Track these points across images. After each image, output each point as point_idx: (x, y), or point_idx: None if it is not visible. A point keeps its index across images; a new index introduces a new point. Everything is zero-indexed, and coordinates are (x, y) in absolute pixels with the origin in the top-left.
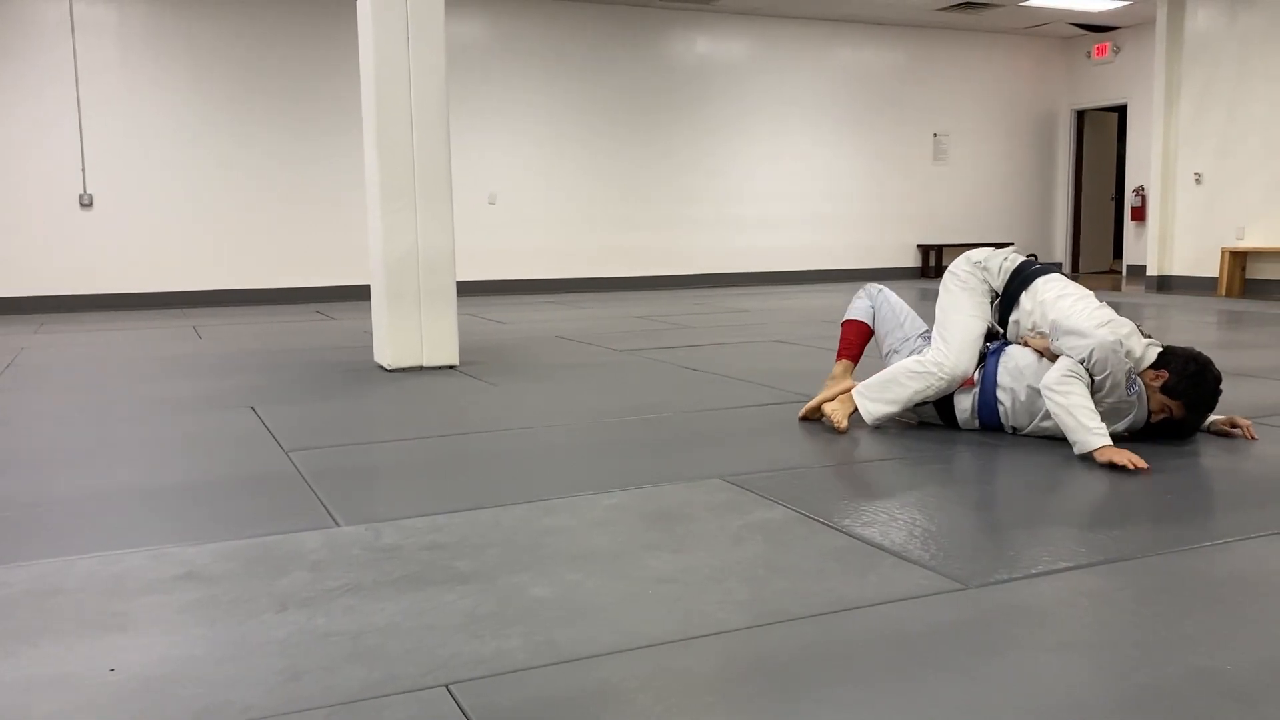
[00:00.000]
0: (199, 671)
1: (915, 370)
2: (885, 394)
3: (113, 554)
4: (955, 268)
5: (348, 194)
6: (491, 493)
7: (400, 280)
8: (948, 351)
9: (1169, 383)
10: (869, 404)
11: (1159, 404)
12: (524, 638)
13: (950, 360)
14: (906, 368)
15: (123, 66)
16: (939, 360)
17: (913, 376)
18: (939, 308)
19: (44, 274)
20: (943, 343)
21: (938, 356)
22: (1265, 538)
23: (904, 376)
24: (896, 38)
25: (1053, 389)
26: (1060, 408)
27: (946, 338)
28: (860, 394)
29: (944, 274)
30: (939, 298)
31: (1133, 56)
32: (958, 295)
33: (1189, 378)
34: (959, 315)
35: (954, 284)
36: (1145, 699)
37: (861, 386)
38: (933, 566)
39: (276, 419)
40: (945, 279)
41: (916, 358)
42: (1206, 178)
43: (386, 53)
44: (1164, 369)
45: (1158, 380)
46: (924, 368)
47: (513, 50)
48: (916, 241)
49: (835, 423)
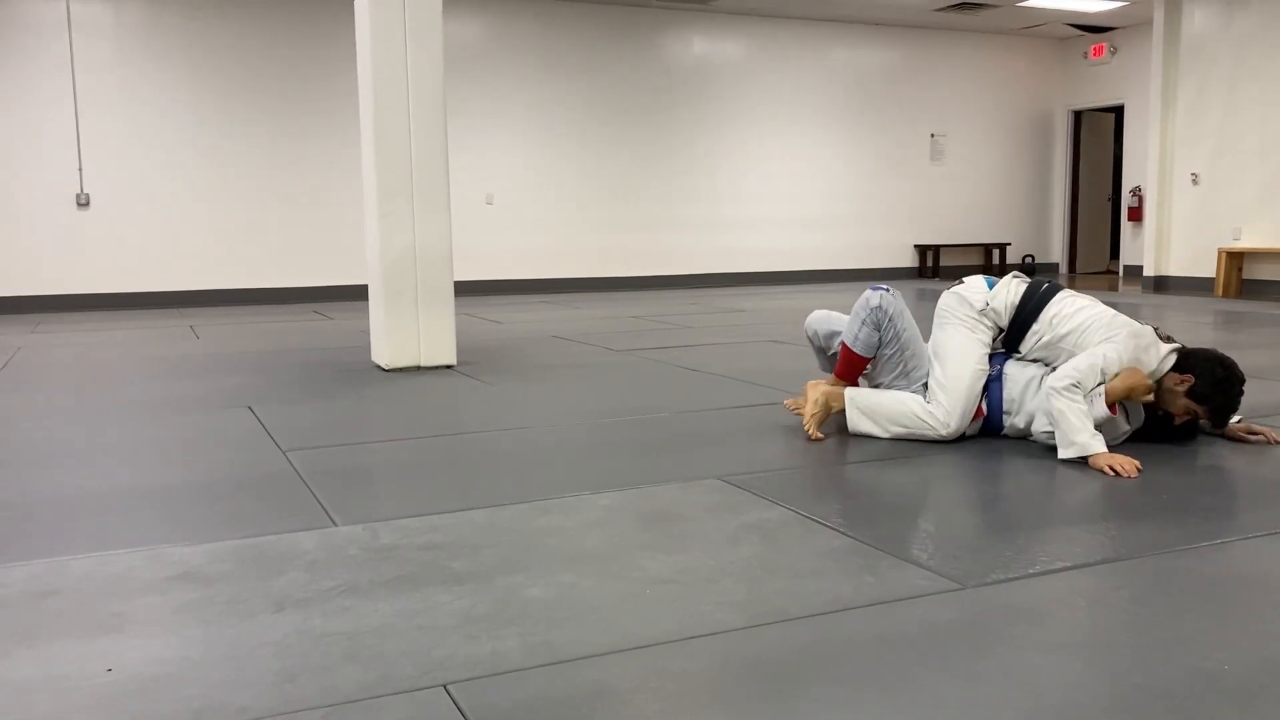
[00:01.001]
0: (196, 672)
1: (917, 424)
2: (878, 417)
3: (109, 554)
4: (958, 308)
5: (345, 193)
6: (488, 493)
7: (398, 280)
8: (951, 411)
9: (1195, 387)
10: (859, 417)
11: (1183, 408)
12: (520, 638)
13: (953, 425)
14: (910, 410)
15: (120, 66)
16: (944, 421)
17: (915, 425)
18: (941, 348)
19: (41, 273)
20: (946, 398)
21: (943, 417)
22: (1262, 538)
23: (904, 416)
24: (893, 38)
25: (1059, 392)
26: (1060, 411)
27: (950, 392)
28: (854, 401)
29: (942, 303)
30: (938, 334)
31: (1129, 57)
32: (965, 342)
33: (1217, 383)
34: (965, 369)
35: (957, 326)
36: (1142, 699)
37: (857, 395)
38: (930, 567)
39: (274, 419)
40: (947, 314)
41: (923, 404)
42: (1203, 178)
43: (384, 52)
44: (1189, 373)
45: (1182, 385)
46: (927, 423)
47: (510, 50)
48: (914, 242)
49: (810, 428)
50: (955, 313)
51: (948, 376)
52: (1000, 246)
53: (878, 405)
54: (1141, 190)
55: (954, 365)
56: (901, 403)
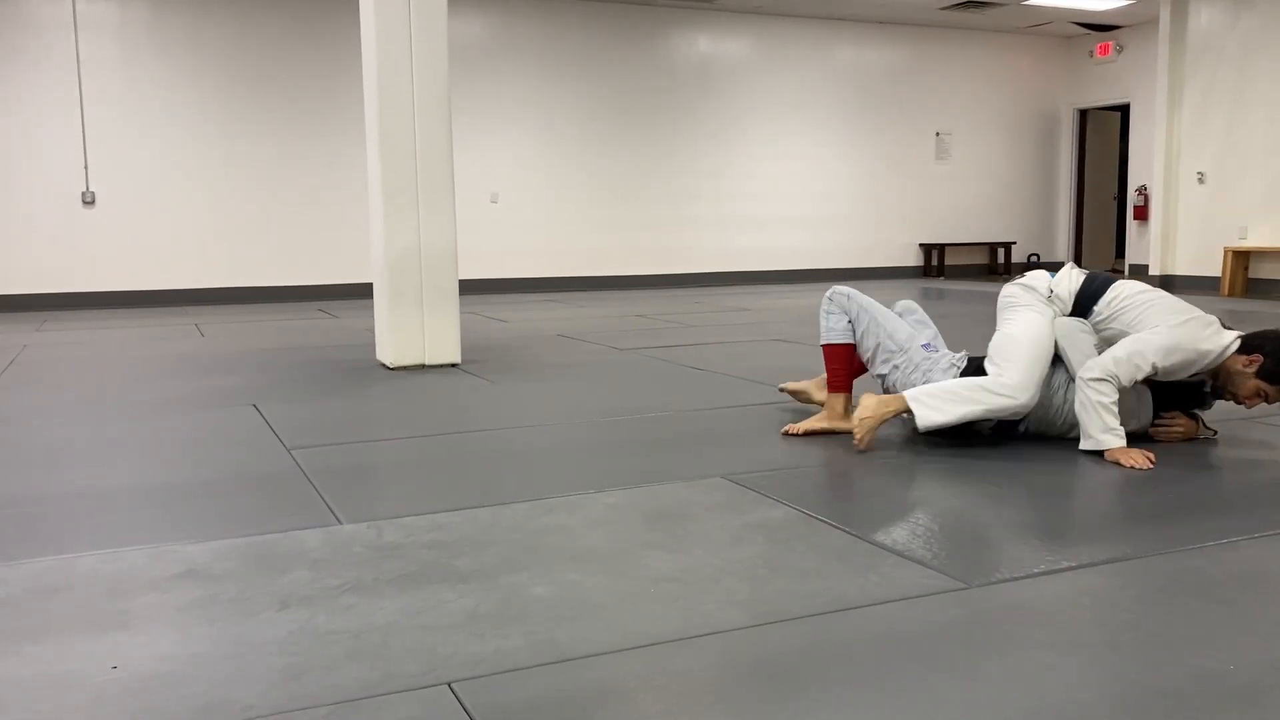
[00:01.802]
0: (200, 669)
1: (989, 398)
2: (948, 404)
3: (114, 552)
4: (1023, 295)
5: (350, 192)
6: (493, 491)
7: (402, 279)
8: (1023, 383)
9: (1266, 366)
10: (928, 410)
11: (1253, 389)
12: (525, 637)
13: (1026, 396)
14: (978, 387)
15: (125, 64)
16: (1010, 394)
17: (983, 399)
18: (1010, 330)
19: (46, 271)
20: (1016, 372)
21: (1010, 381)
22: (1268, 537)
23: (973, 393)
24: (899, 36)
25: (1087, 383)
26: (1089, 402)
27: (1013, 357)
28: (916, 399)
29: (1005, 293)
30: (1007, 316)
31: (1135, 56)
32: (1032, 315)
33: None
34: (1030, 342)
35: (1024, 307)
36: (1147, 699)
37: (917, 392)
38: (934, 566)
39: (279, 417)
40: (1011, 301)
41: (989, 381)
42: (1209, 177)
43: (389, 51)
44: (1256, 353)
45: (1251, 365)
46: (998, 397)
47: (515, 49)
48: (918, 241)
49: (859, 438)
50: (1020, 300)
51: (1010, 343)
52: (1005, 245)
53: (940, 391)
54: (1147, 189)
55: (1017, 330)
56: (966, 382)
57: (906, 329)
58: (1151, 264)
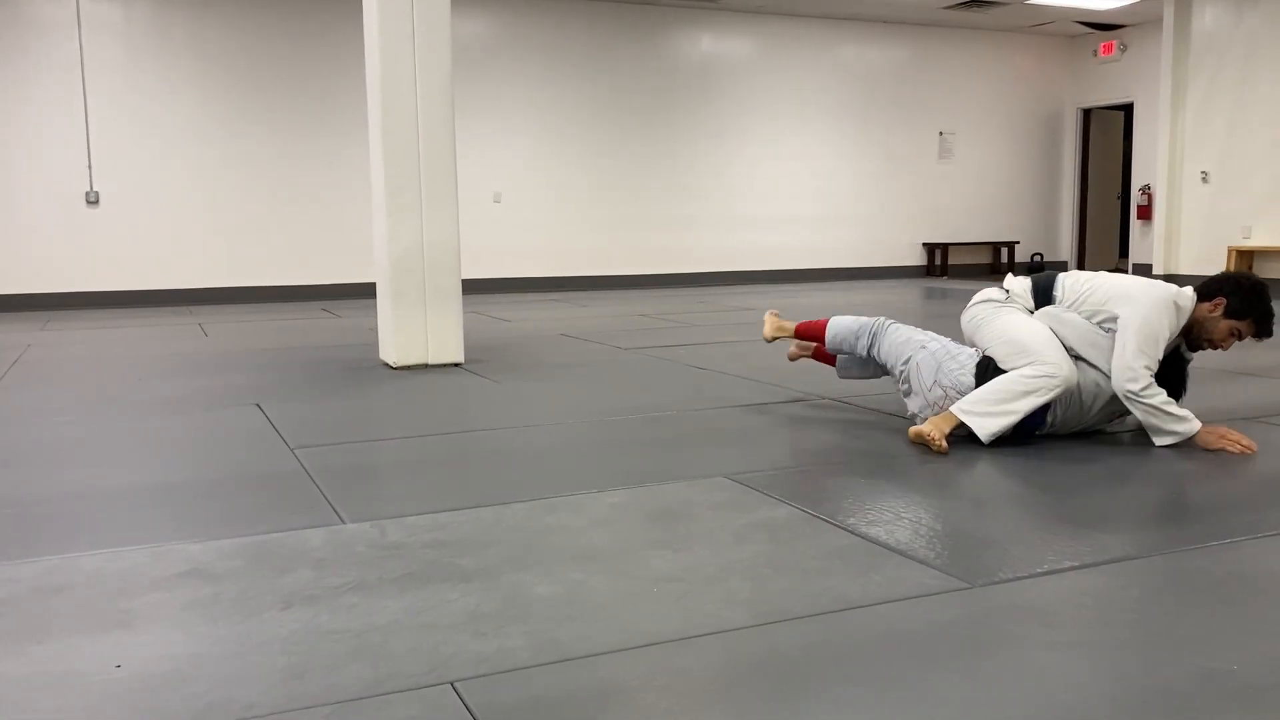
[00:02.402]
0: (203, 668)
1: (1029, 386)
2: (1001, 406)
3: (118, 551)
4: (983, 303)
5: (353, 191)
6: (495, 491)
7: (405, 278)
8: (1052, 361)
9: (1231, 305)
10: (985, 420)
11: (1225, 330)
12: (527, 636)
13: (1062, 370)
14: (1016, 381)
15: (129, 64)
16: (1049, 371)
17: (1032, 385)
18: (994, 333)
19: (50, 271)
20: (1043, 353)
21: (1050, 368)
22: (1271, 537)
23: (1018, 386)
24: (902, 36)
25: (1137, 396)
26: (1150, 409)
27: (1036, 351)
28: (967, 411)
29: (971, 311)
30: (982, 328)
31: (1139, 55)
32: (1010, 315)
33: (1247, 294)
34: (1029, 329)
35: (993, 309)
36: (1150, 699)
37: (965, 404)
38: (937, 565)
39: (282, 416)
40: (978, 311)
41: (1019, 373)
42: (1213, 176)
43: (392, 50)
44: (1218, 297)
45: (1217, 309)
46: (1036, 382)
47: (518, 48)
48: (921, 240)
49: (935, 444)
50: (989, 311)
51: (1022, 341)
52: (1009, 245)
53: (988, 397)
54: (1151, 188)
55: (1018, 330)
56: (1007, 379)
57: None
58: (1155, 263)
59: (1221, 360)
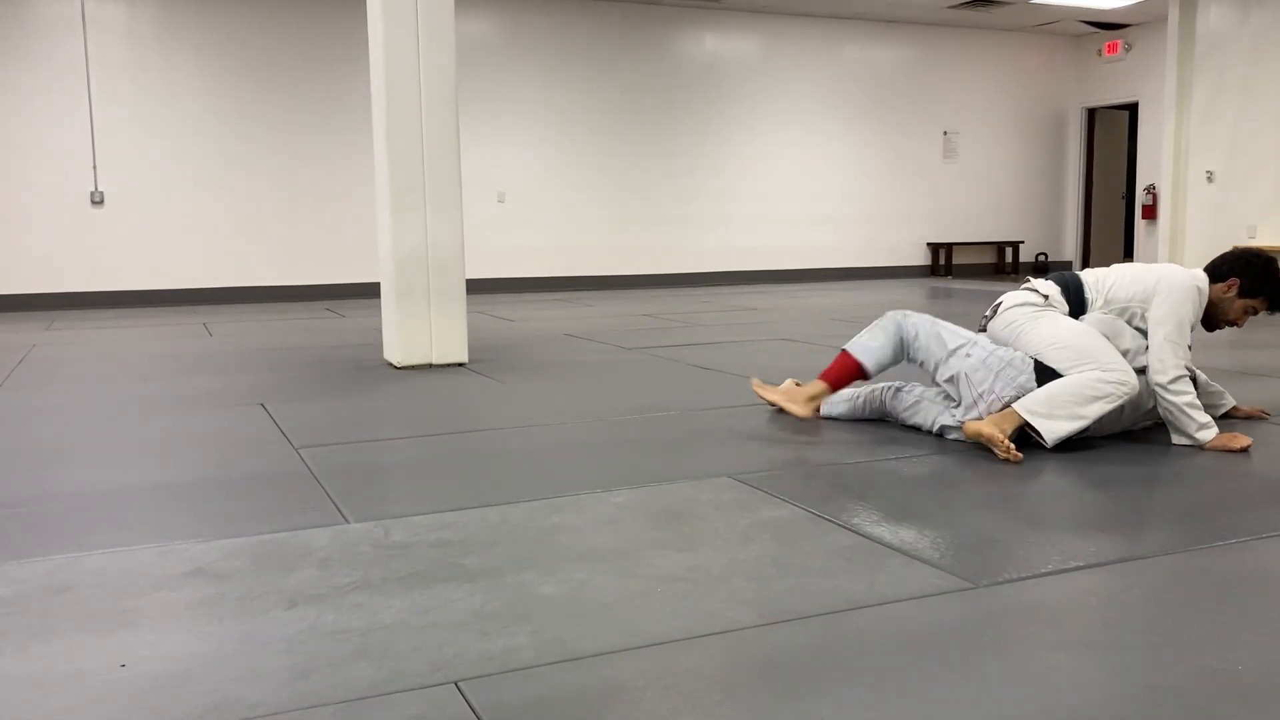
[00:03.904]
0: (208, 668)
1: (1101, 391)
2: (1070, 411)
3: (123, 550)
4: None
5: (358, 191)
6: (500, 490)
7: (410, 278)
8: (1121, 367)
9: (1244, 284)
10: (1053, 423)
11: (1240, 309)
12: (532, 635)
13: (1131, 377)
14: (1087, 386)
15: (134, 64)
16: (1119, 379)
17: (1098, 397)
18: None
19: (55, 271)
20: (1101, 363)
21: (1115, 375)
22: (1277, 538)
23: (1089, 390)
24: (906, 35)
25: (1165, 389)
26: (1179, 405)
27: (1099, 359)
28: (1033, 412)
29: (1006, 316)
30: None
31: (1144, 54)
32: (1056, 319)
33: (1260, 272)
34: (1087, 335)
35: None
36: (1155, 699)
37: (1030, 404)
38: (942, 565)
39: (286, 416)
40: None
41: (1090, 376)
42: (1218, 176)
43: (396, 50)
44: (1231, 277)
45: (1231, 289)
46: (1108, 388)
47: (522, 48)
48: (926, 240)
49: (1003, 450)
50: (1026, 315)
51: (1083, 346)
52: (1013, 244)
53: (1058, 398)
54: (1156, 188)
55: (1075, 336)
56: (1078, 380)
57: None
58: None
59: (1225, 360)
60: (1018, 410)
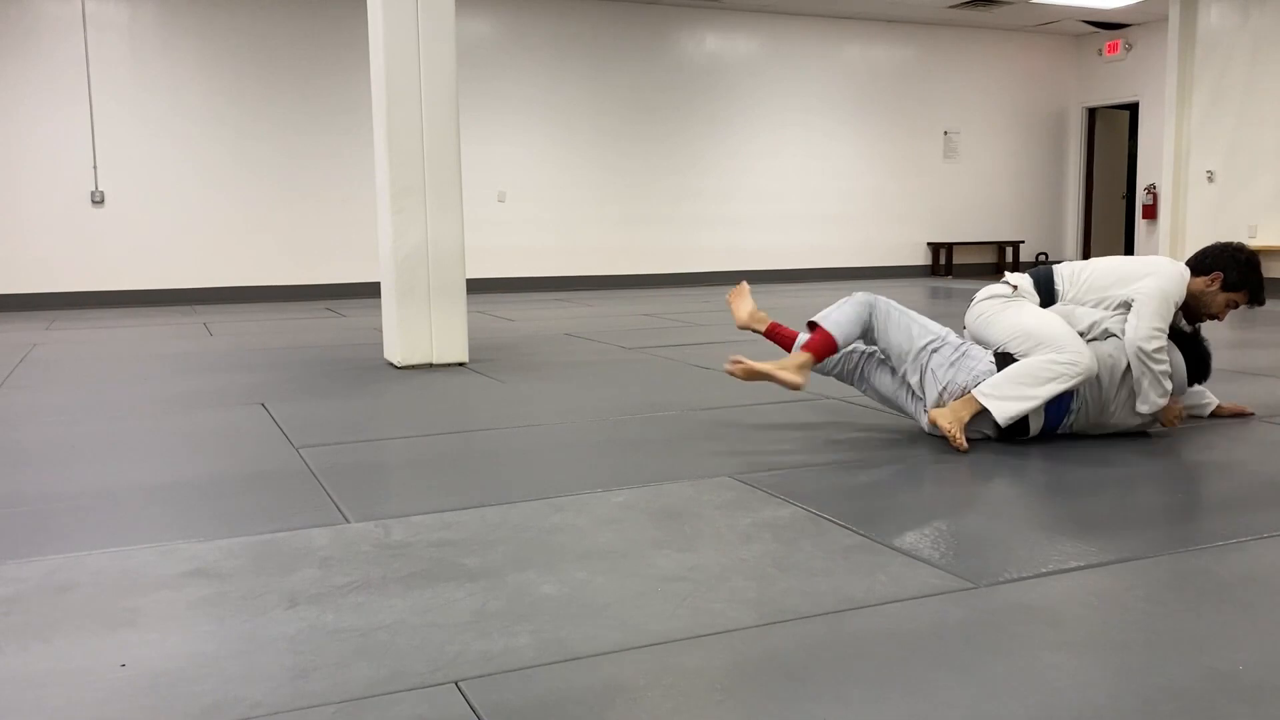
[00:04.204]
0: (209, 667)
1: (1051, 372)
2: (1021, 389)
3: (123, 550)
4: (988, 300)
5: (358, 190)
6: (500, 490)
7: (410, 277)
8: (1073, 349)
9: (1229, 279)
10: (1005, 404)
11: (1223, 302)
12: (532, 635)
13: (1084, 358)
14: (1038, 367)
15: (134, 63)
16: (1070, 359)
17: (1054, 371)
18: (1006, 327)
19: (55, 271)
20: (1063, 342)
21: (1066, 356)
22: (1277, 538)
23: (1040, 372)
24: (907, 35)
25: (1149, 356)
26: (1157, 372)
27: (1053, 341)
28: (986, 395)
29: (977, 308)
30: (992, 324)
31: (1144, 54)
32: (1020, 308)
33: (1242, 266)
34: (1044, 319)
35: (1000, 305)
36: (1156, 699)
37: (985, 387)
38: (942, 565)
39: (286, 415)
40: (985, 308)
41: (1043, 359)
42: (1219, 176)
43: (397, 49)
44: (1215, 271)
45: (1214, 283)
46: (1058, 369)
47: (523, 47)
48: (926, 240)
49: (956, 441)
50: (995, 306)
51: (1037, 333)
52: (1014, 244)
53: (1010, 381)
54: (1156, 188)
55: (1032, 321)
56: (1030, 362)
57: (937, 324)
58: None
59: (1225, 360)
60: (974, 394)
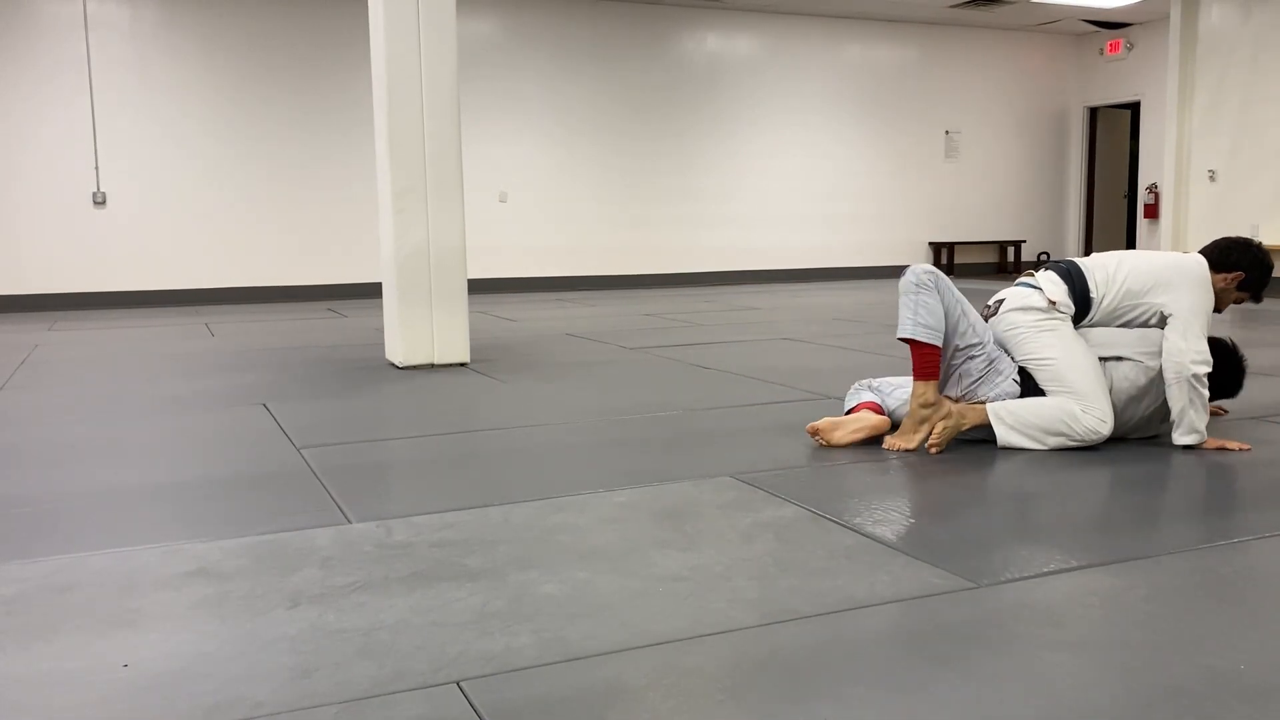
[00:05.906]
0: (211, 667)
1: (1070, 431)
2: (1033, 433)
3: (125, 550)
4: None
5: (359, 191)
6: (502, 490)
7: (411, 278)
8: (1107, 413)
9: (1249, 280)
10: (1013, 435)
11: (1233, 299)
12: (534, 635)
13: (1107, 426)
14: (1056, 419)
15: (136, 64)
16: (1094, 427)
17: (1071, 431)
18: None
19: (57, 271)
20: (1099, 403)
21: (1091, 424)
22: (1277, 538)
23: (1060, 424)
24: (908, 34)
25: (1199, 382)
26: (1195, 401)
27: (1083, 398)
28: (1000, 419)
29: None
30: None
31: (1146, 53)
32: (1059, 340)
33: (1265, 269)
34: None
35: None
36: (1157, 699)
37: (1003, 410)
38: (943, 565)
39: (288, 416)
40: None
41: (1064, 414)
42: (1220, 175)
43: (398, 50)
44: (1236, 270)
45: (1233, 281)
46: (1079, 430)
47: (524, 47)
48: (928, 239)
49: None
50: (1027, 325)
51: (1073, 383)
52: (1015, 244)
53: (1026, 414)
54: (1158, 187)
55: (1068, 368)
56: (1055, 408)
57: (980, 321)
58: None
59: None
60: (989, 411)
